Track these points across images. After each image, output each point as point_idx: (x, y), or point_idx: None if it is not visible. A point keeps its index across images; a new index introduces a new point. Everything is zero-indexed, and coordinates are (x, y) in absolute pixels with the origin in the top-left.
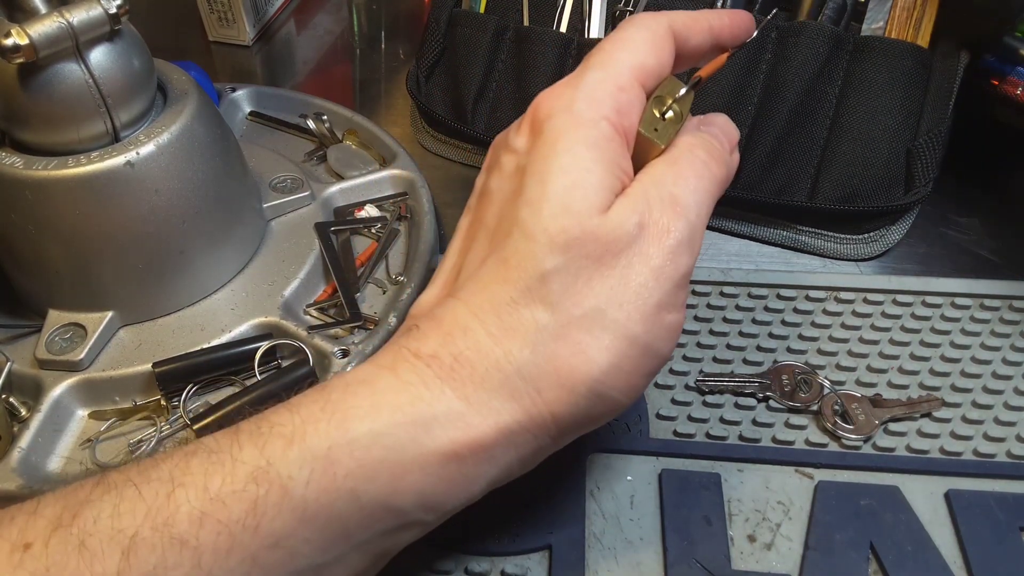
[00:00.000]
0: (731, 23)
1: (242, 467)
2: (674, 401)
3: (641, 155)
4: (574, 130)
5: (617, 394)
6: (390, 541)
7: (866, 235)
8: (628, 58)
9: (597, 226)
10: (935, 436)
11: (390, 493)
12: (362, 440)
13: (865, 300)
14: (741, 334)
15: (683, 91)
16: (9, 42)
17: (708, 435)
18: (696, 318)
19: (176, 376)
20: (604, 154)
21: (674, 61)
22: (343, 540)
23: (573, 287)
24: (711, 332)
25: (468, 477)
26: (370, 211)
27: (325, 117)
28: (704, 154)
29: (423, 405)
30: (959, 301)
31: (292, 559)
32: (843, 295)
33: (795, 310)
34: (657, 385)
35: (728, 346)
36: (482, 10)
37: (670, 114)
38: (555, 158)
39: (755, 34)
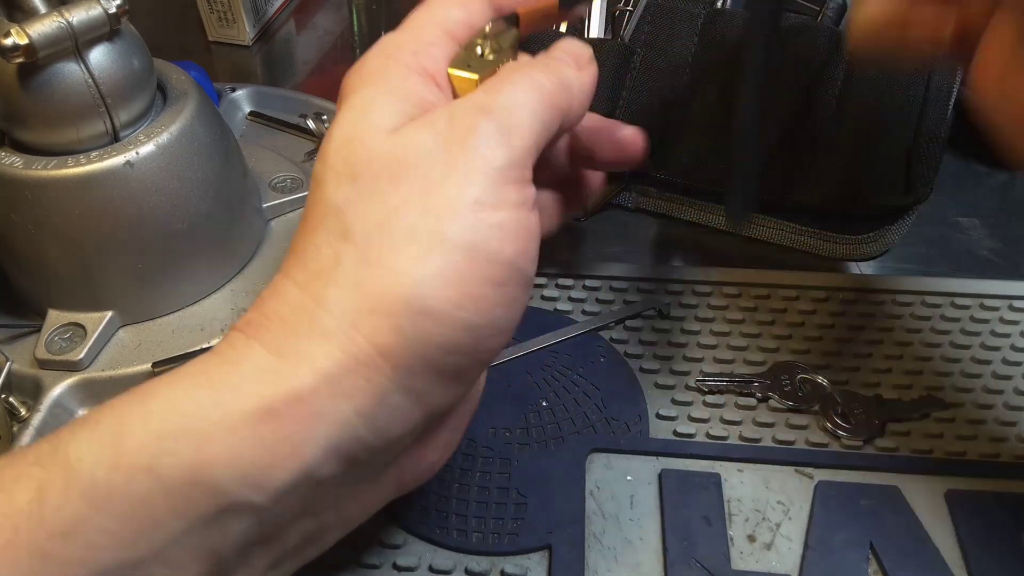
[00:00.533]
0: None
1: (29, 453)
2: (674, 401)
3: (461, 95)
4: (361, 79)
5: (449, 306)
6: (218, 534)
7: (866, 235)
8: (428, 15)
9: (383, 144)
10: (935, 436)
11: (195, 466)
12: (158, 411)
13: (865, 300)
14: (742, 334)
15: (489, 26)
16: (9, 42)
17: (708, 435)
18: (696, 318)
19: None
20: (392, 85)
21: (495, 9)
22: (153, 530)
23: (369, 210)
24: (712, 332)
25: (292, 439)
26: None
27: (325, 117)
28: (528, 68)
29: (228, 366)
30: (959, 301)
31: (91, 553)
32: (843, 295)
33: (796, 310)
34: (657, 385)
35: (729, 346)
36: None
37: (487, 52)
38: (343, 106)
39: None
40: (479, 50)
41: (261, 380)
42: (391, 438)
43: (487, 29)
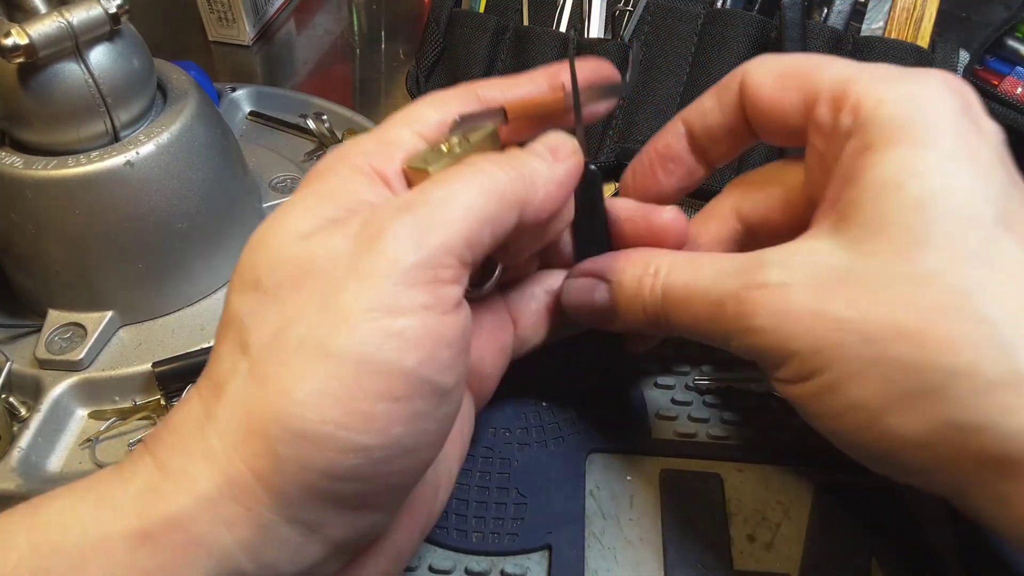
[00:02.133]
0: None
1: None
2: (674, 401)
3: None
4: (311, 177)
5: (331, 427)
6: None
7: None
8: (400, 115)
9: (290, 249)
10: None
11: None
12: (41, 524)
13: None
14: None
15: (456, 118)
16: (9, 42)
17: (708, 435)
18: None
19: (176, 376)
20: (328, 186)
21: (476, 106)
22: None
23: (266, 320)
24: None
25: (170, 567)
26: None
27: (325, 117)
28: (482, 161)
29: (117, 481)
30: None
31: None
32: None
33: None
34: (657, 385)
35: None
36: (482, 10)
37: (449, 147)
38: (278, 208)
39: (627, 79)
40: (444, 145)
41: (143, 499)
42: (283, 574)
43: (454, 120)
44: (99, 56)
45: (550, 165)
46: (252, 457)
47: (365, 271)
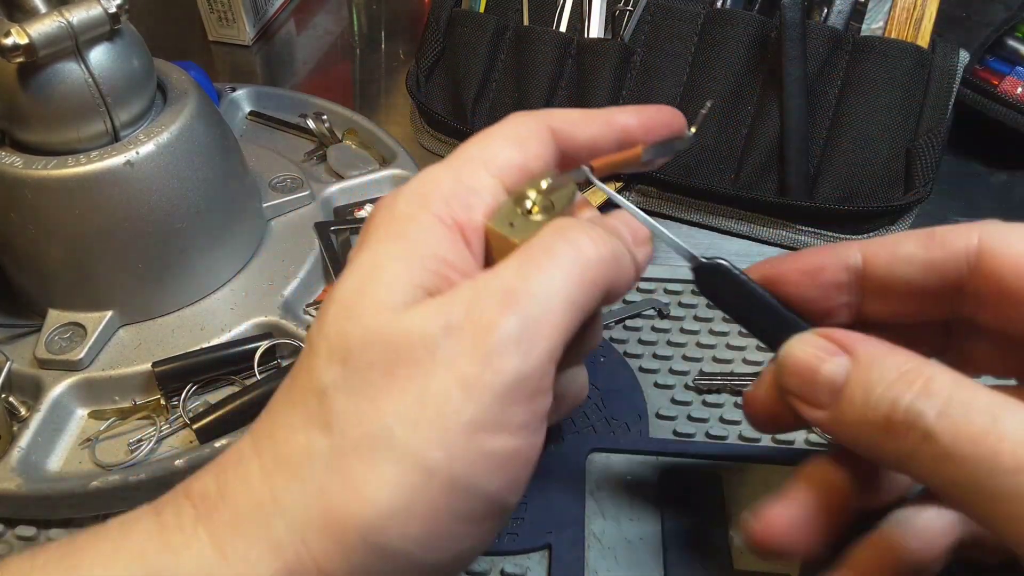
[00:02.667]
0: (641, 120)
1: None
2: (674, 401)
3: (499, 256)
4: (386, 226)
5: (413, 546)
6: None
7: (866, 235)
8: (478, 152)
9: (386, 328)
10: None
11: None
12: None
13: None
14: (741, 334)
15: (546, 183)
16: (9, 41)
17: (708, 435)
18: (696, 318)
19: (176, 376)
20: (413, 246)
21: (559, 156)
22: None
23: (354, 405)
24: (711, 332)
25: None
26: (370, 211)
27: (325, 117)
28: (575, 231)
29: (168, 554)
30: None
31: None
32: None
33: None
34: (657, 385)
35: (728, 346)
36: (482, 10)
37: (535, 208)
38: (356, 258)
39: (692, 131)
40: (528, 202)
41: None
42: None
43: (543, 185)
44: (99, 56)
45: (632, 249)
46: (323, 555)
47: (469, 378)
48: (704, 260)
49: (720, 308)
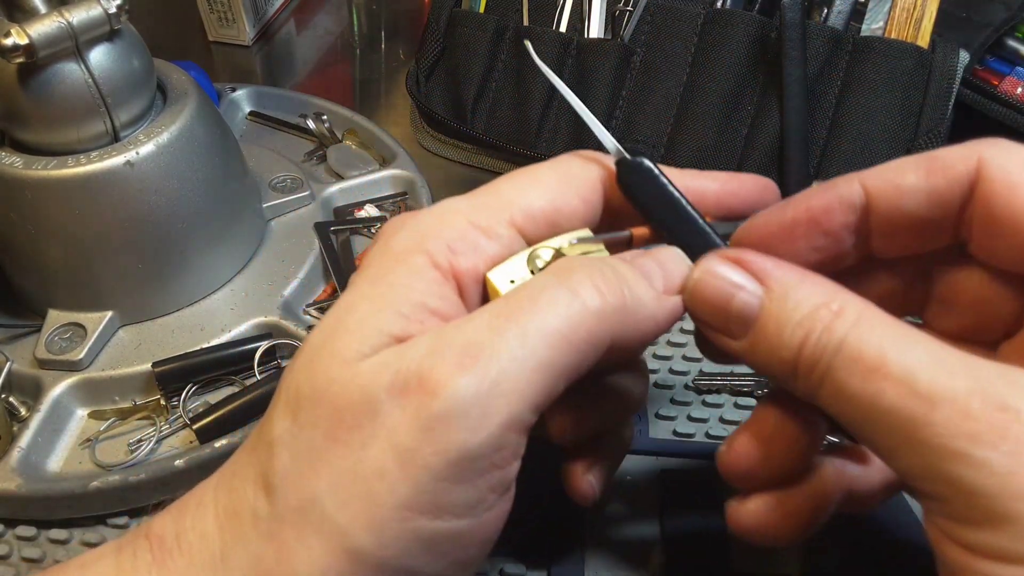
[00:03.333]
0: (724, 187)
1: None
2: (673, 401)
3: None
4: (377, 263)
5: None
6: None
7: None
8: (508, 192)
9: (336, 382)
10: None
11: None
12: None
13: None
14: None
15: (571, 242)
16: (9, 42)
17: (708, 435)
18: None
19: (176, 376)
20: (392, 290)
21: (600, 212)
22: None
23: (297, 466)
24: None
25: None
26: (370, 211)
27: (325, 117)
28: (579, 278)
29: None
30: None
31: None
32: None
33: None
34: (657, 385)
35: None
36: (482, 10)
37: (548, 266)
38: (341, 297)
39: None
40: (540, 261)
41: None
42: None
43: (566, 243)
44: (99, 56)
45: (658, 297)
46: None
47: (406, 452)
48: (628, 156)
49: (637, 210)
